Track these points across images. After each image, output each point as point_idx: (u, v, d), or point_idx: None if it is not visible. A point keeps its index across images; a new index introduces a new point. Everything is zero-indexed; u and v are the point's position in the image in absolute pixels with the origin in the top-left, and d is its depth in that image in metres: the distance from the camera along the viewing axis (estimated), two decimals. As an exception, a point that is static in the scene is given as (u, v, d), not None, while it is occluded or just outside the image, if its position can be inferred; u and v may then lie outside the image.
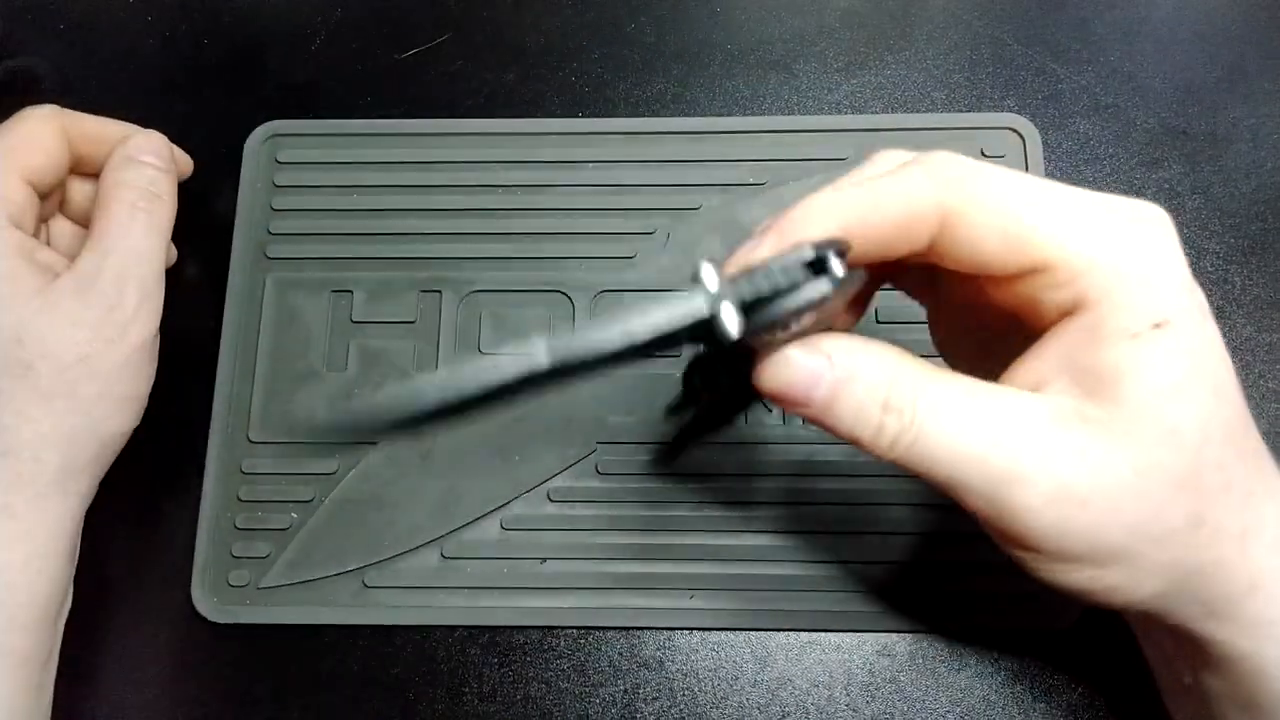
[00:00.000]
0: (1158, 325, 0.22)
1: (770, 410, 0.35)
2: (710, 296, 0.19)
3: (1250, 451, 0.23)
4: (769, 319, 0.20)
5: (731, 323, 0.19)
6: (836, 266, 0.20)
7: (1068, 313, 0.22)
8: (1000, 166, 0.23)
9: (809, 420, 0.23)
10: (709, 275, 0.19)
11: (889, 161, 0.24)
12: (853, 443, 0.23)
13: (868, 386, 0.22)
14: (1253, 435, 0.24)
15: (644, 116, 0.39)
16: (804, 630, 0.33)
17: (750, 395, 0.29)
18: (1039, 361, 0.23)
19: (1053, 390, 0.22)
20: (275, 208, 0.37)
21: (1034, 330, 0.23)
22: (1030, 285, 0.23)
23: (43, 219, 0.34)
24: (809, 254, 0.20)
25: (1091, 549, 0.22)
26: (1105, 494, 0.21)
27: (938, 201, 0.22)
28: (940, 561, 0.33)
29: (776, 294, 0.19)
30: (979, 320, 0.26)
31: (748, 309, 0.19)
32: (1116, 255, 0.22)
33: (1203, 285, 0.36)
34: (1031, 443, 0.21)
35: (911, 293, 0.28)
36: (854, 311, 0.27)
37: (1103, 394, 0.22)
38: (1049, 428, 0.21)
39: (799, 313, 0.20)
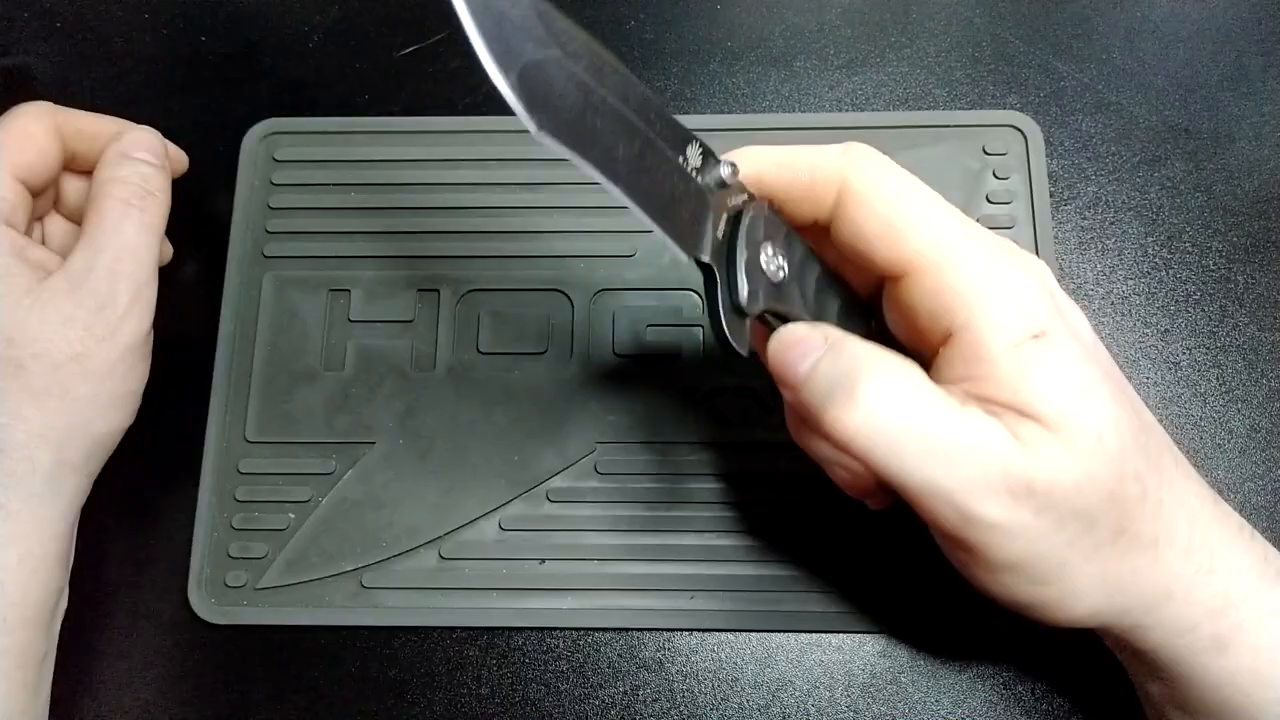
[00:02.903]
0: (1036, 336, 0.23)
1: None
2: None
3: (1156, 457, 0.24)
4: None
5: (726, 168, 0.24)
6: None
7: (943, 328, 0.24)
8: (913, 178, 0.25)
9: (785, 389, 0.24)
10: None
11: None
12: (812, 407, 0.23)
13: (848, 355, 0.24)
14: (1156, 436, 0.24)
15: (644, 114, 0.39)
16: (804, 631, 0.33)
17: None
18: (939, 382, 0.24)
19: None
20: (272, 206, 0.37)
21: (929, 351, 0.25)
22: (906, 291, 0.24)
23: (37, 216, 0.34)
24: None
25: (1035, 561, 0.23)
26: (1054, 504, 0.22)
27: (839, 173, 0.24)
28: (941, 563, 0.33)
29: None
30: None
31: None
32: (985, 273, 0.23)
33: (1205, 283, 0.37)
34: (990, 452, 0.22)
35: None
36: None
37: (1009, 409, 0.22)
38: (1002, 439, 0.22)
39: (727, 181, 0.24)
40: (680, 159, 0.23)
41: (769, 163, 0.25)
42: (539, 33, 0.21)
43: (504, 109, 0.42)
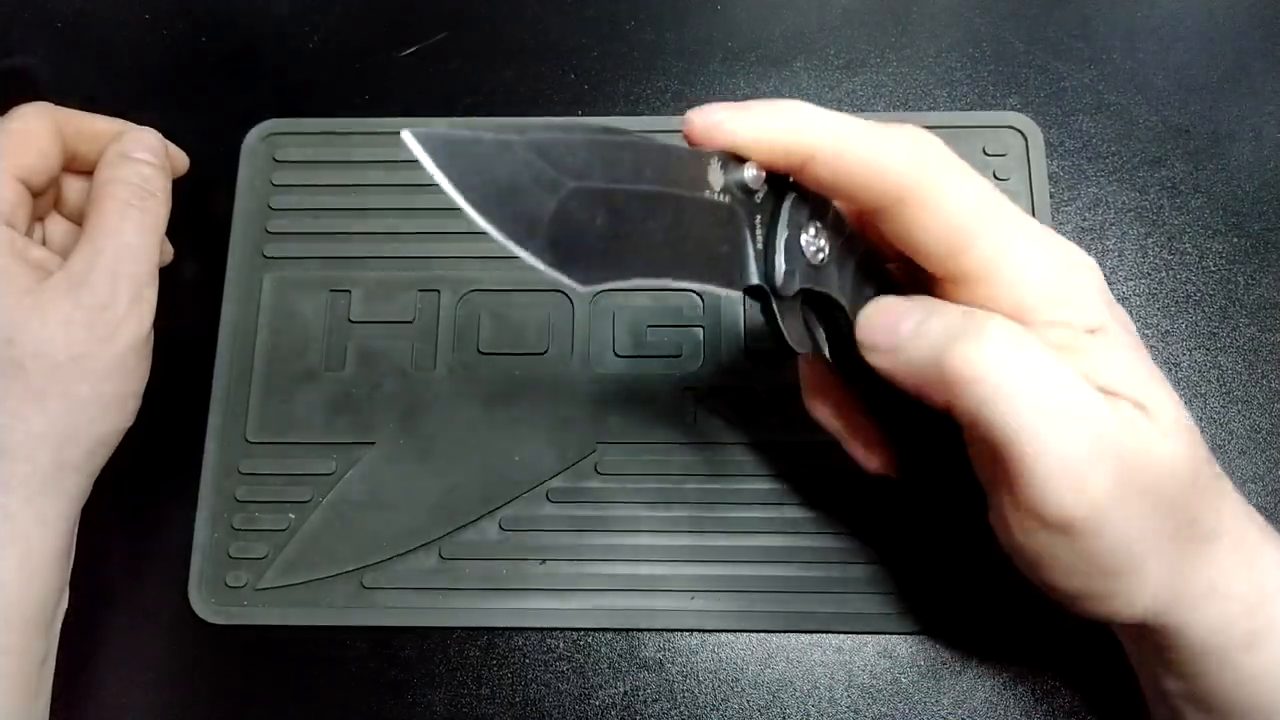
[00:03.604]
0: (1091, 331, 0.23)
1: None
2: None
3: (1206, 448, 0.24)
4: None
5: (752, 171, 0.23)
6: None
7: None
8: (977, 177, 0.23)
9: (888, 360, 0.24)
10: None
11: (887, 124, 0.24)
12: (934, 349, 0.23)
13: (950, 312, 0.23)
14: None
15: (644, 115, 0.39)
16: (805, 632, 0.33)
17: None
18: None
19: None
20: (273, 206, 0.37)
21: None
22: (958, 294, 0.23)
23: (37, 217, 0.34)
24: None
25: (1116, 552, 0.22)
26: (1154, 486, 0.22)
27: (901, 172, 0.22)
28: (942, 563, 0.33)
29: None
30: None
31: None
32: (1040, 280, 0.23)
33: (1206, 284, 0.37)
34: (1101, 422, 0.22)
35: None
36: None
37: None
38: (1113, 414, 0.22)
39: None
40: (705, 192, 0.22)
41: (823, 145, 0.22)
42: (545, 175, 0.20)
43: (504, 109, 0.43)
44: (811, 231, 0.23)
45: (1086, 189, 0.38)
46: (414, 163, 0.40)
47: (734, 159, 0.22)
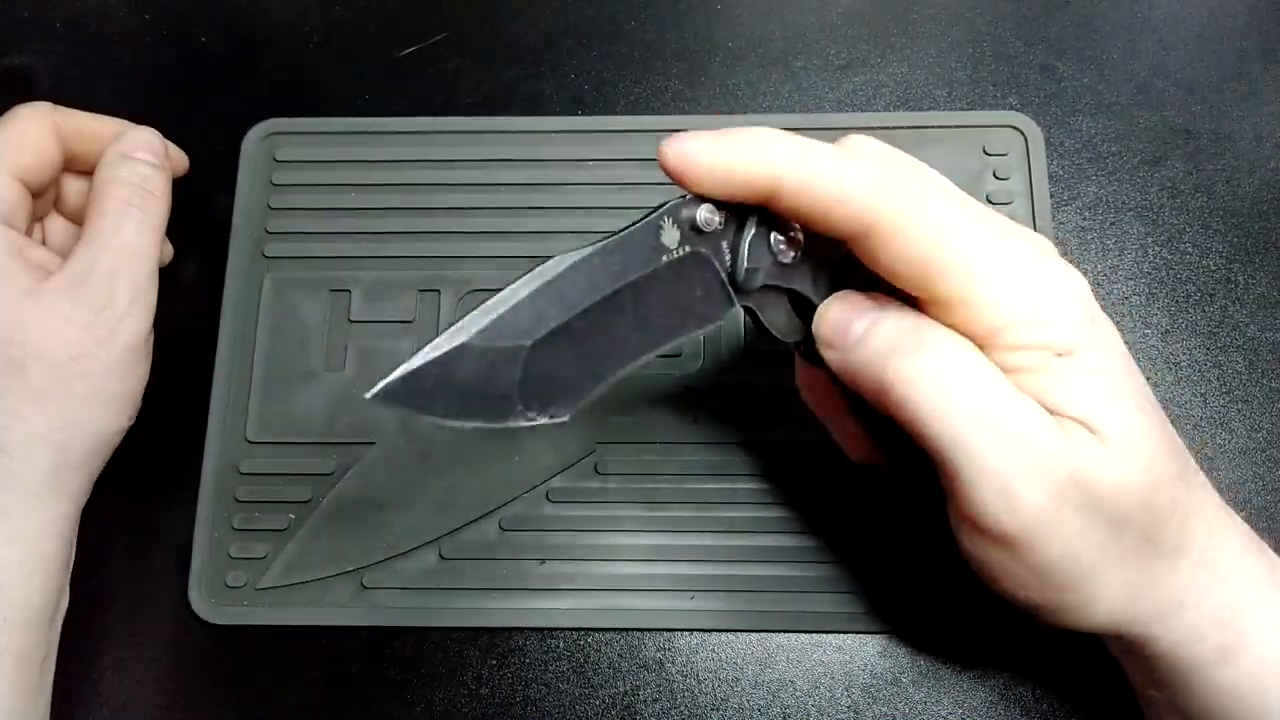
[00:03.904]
0: (1060, 354, 0.22)
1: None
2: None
3: (1181, 466, 0.24)
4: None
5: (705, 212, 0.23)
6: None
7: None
8: (949, 194, 0.23)
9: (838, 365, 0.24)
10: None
11: (858, 145, 0.24)
12: (874, 363, 0.23)
13: (900, 318, 0.24)
14: (1180, 447, 0.24)
15: (645, 115, 0.39)
16: (805, 632, 0.33)
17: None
18: None
19: None
20: (273, 206, 0.37)
21: None
22: (933, 311, 0.23)
23: (37, 217, 0.34)
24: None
25: (1064, 565, 0.23)
26: (1091, 504, 0.22)
27: (867, 205, 0.22)
28: (942, 563, 0.33)
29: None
30: None
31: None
32: (1016, 302, 0.23)
33: (1206, 284, 0.37)
34: (1042, 438, 0.22)
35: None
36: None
37: (1058, 412, 0.22)
38: (1055, 431, 0.22)
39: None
40: (664, 257, 0.22)
41: (789, 178, 0.22)
42: (501, 353, 0.21)
43: (505, 109, 0.42)
44: (779, 236, 0.24)
45: (1086, 189, 0.38)
46: (414, 162, 0.40)
47: (685, 205, 0.23)
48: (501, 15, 0.41)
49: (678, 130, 0.37)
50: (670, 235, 0.23)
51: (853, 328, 0.24)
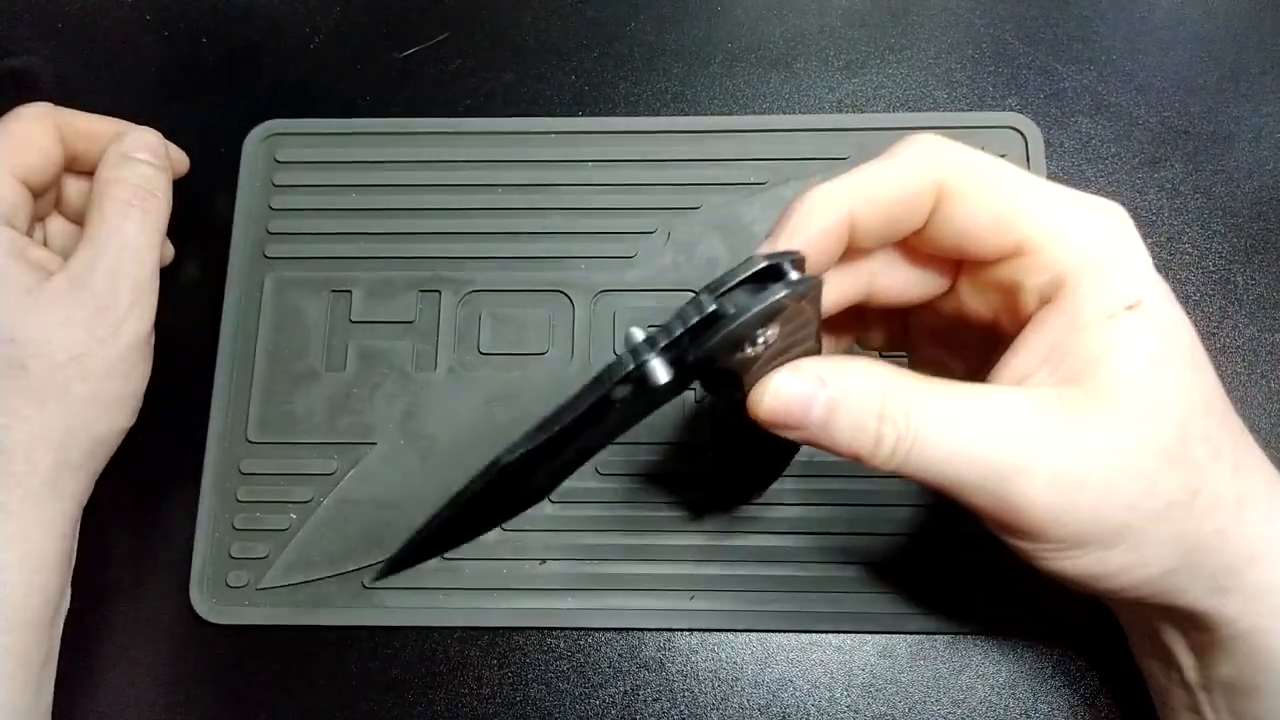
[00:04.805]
0: (1130, 306, 0.23)
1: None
2: (631, 353, 0.21)
3: (1231, 424, 0.24)
4: (731, 337, 0.21)
5: (659, 370, 0.21)
6: (791, 273, 0.22)
7: (1046, 300, 0.23)
8: (996, 159, 0.24)
9: (805, 442, 0.23)
10: (634, 335, 0.22)
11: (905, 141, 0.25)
12: (852, 458, 0.23)
13: (862, 400, 0.22)
14: (1230, 411, 0.24)
15: (644, 115, 0.39)
16: (804, 631, 0.33)
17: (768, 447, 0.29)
18: (1019, 357, 0.23)
19: (1035, 382, 0.23)
20: (274, 207, 0.37)
21: (1008, 333, 0.24)
22: (1012, 269, 0.24)
23: (38, 217, 0.34)
24: (760, 264, 0.21)
25: (1094, 530, 0.22)
26: (1100, 473, 0.22)
27: (934, 179, 0.23)
28: (941, 563, 0.33)
29: (733, 314, 0.21)
30: (951, 354, 0.28)
31: (696, 338, 0.21)
32: (1092, 241, 0.23)
33: (1205, 284, 0.37)
34: (1023, 435, 0.22)
35: (879, 347, 0.30)
36: (843, 335, 0.28)
37: (1085, 378, 0.22)
38: (1038, 418, 0.22)
39: (761, 322, 0.21)
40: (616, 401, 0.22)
41: (858, 201, 0.23)
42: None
43: (505, 110, 0.42)
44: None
45: (1086, 189, 0.37)
46: (414, 163, 0.40)
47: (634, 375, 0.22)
48: (501, 16, 0.41)
49: (678, 130, 0.38)
50: (620, 392, 0.22)
51: (812, 411, 0.23)
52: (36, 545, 0.30)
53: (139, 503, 0.35)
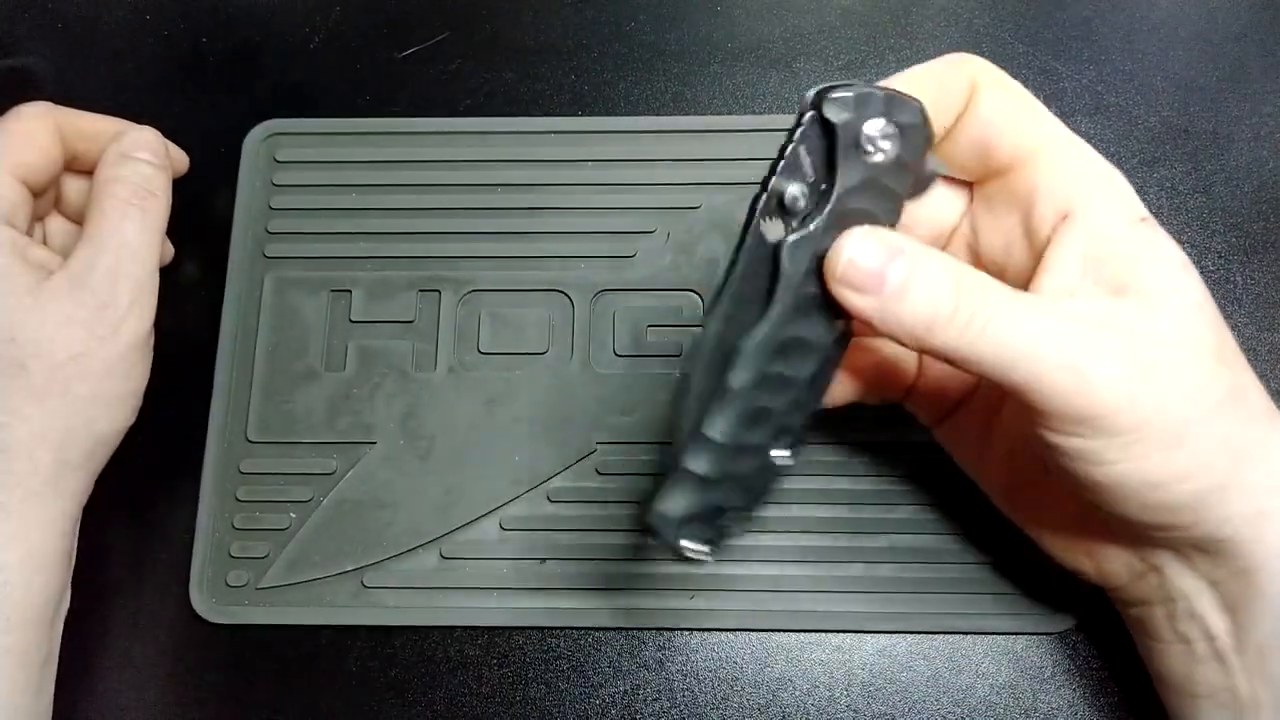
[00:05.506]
0: (1144, 219, 0.25)
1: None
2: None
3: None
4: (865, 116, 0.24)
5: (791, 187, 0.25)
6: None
7: (1063, 215, 0.25)
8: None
9: (865, 318, 0.24)
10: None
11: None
12: (919, 333, 0.23)
13: (940, 273, 0.23)
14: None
15: (644, 115, 0.39)
16: (804, 631, 0.33)
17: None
18: (1055, 274, 0.24)
19: (1083, 294, 0.24)
20: (274, 207, 0.37)
21: (1033, 250, 0.26)
22: (1029, 177, 0.25)
23: (38, 217, 0.34)
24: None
25: (1161, 422, 0.23)
26: (1165, 361, 0.23)
27: (969, 76, 0.25)
28: (941, 563, 0.33)
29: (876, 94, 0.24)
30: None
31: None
32: (1096, 157, 0.25)
33: (1205, 284, 0.37)
34: (1096, 322, 0.23)
35: (922, 416, 0.31)
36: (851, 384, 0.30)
37: (1128, 282, 0.24)
38: (1104, 312, 0.23)
39: (892, 116, 0.24)
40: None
41: (901, 81, 0.25)
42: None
43: (505, 109, 0.42)
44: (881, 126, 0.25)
45: (1086, 189, 0.38)
46: (414, 163, 0.40)
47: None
48: (501, 16, 0.41)
49: (677, 130, 0.38)
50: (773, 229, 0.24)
51: (890, 273, 0.23)
52: (37, 545, 0.30)
53: (139, 502, 0.35)
